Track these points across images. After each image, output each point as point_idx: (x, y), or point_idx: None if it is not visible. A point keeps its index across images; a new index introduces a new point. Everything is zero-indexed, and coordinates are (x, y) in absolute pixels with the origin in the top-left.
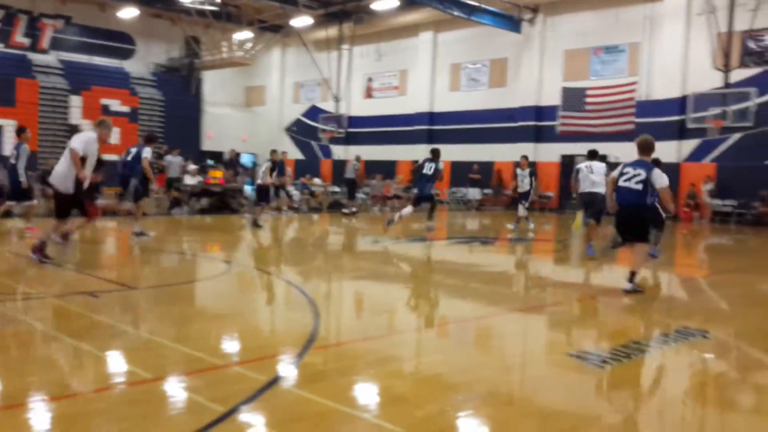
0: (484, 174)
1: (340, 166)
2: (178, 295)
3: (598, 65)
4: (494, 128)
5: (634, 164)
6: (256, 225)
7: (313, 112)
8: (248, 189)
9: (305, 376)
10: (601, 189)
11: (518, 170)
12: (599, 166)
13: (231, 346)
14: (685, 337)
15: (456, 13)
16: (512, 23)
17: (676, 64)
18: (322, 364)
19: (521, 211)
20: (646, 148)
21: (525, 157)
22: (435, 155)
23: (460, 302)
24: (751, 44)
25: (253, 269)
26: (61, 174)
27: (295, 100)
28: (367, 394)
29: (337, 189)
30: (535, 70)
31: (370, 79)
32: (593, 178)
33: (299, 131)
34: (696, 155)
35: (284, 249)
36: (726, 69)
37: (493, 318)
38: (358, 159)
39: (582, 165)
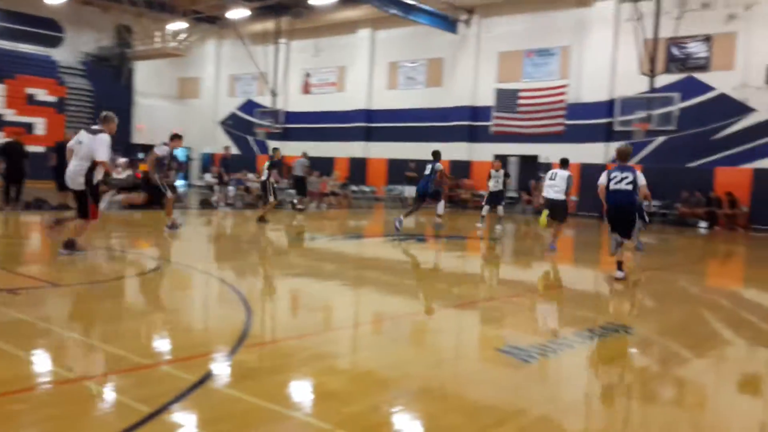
0: (419, 172)
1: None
2: (105, 293)
3: (531, 67)
4: (430, 127)
5: (621, 169)
6: (262, 221)
7: (249, 107)
8: (181, 184)
9: (235, 374)
10: (560, 196)
11: (492, 171)
12: (563, 175)
13: (159, 344)
14: (609, 332)
15: (393, 12)
16: (448, 23)
17: (605, 68)
18: (253, 363)
19: (486, 210)
20: (625, 156)
21: (498, 158)
22: (435, 156)
23: (394, 299)
24: (675, 51)
25: (185, 266)
26: (73, 172)
27: (231, 93)
28: (297, 391)
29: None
30: (470, 70)
31: (308, 75)
32: (554, 185)
33: (234, 125)
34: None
35: (217, 246)
36: (651, 74)
37: (425, 314)
38: (306, 155)
39: (550, 172)
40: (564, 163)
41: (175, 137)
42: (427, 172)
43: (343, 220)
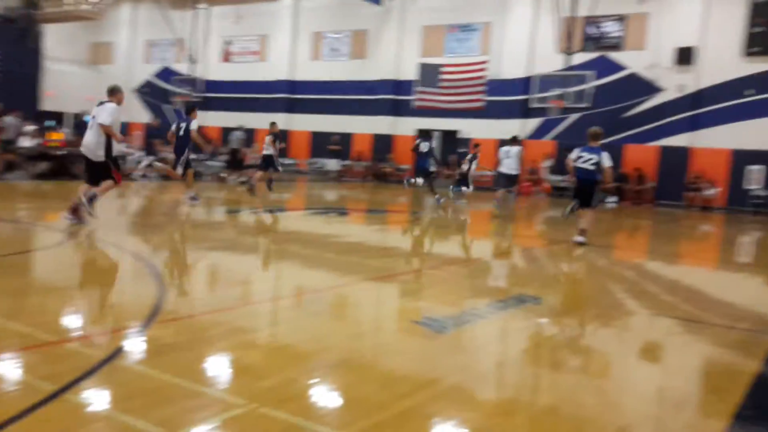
0: (343, 145)
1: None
2: (11, 267)
3: (453, 43)
4: (354, 100)
5: (589, 150)
6: (269, 188)
7: (166, 74)
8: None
9: (147, 351)
10: (513, 171)
11: (470, 154)
12: (515, 151)
13: (66, 321)
14: (520, 303)
15: None
16: None
17: (524, 45)
18: (165, 338)
19: (461, 189)
20: (596, 137)
21: (476, 145)
22: (430, 135)
23: (314, 272)
24: (592, 30)
25: (96, 240)
26: (92, 143)
27: (147, 59)
28: (212, 366)
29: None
30: (394, 43)
31: (228, 42)
32: (507, 162)
33: (150, 93)
34: (538, 133)
35: (132, 219)
36: (568, 52)
37: (345, 288)
38: (242, 128)
39: (503, 148)
40: (514, 140)
41: (192, 109)
42: (425, 149)
43: (264, 193)
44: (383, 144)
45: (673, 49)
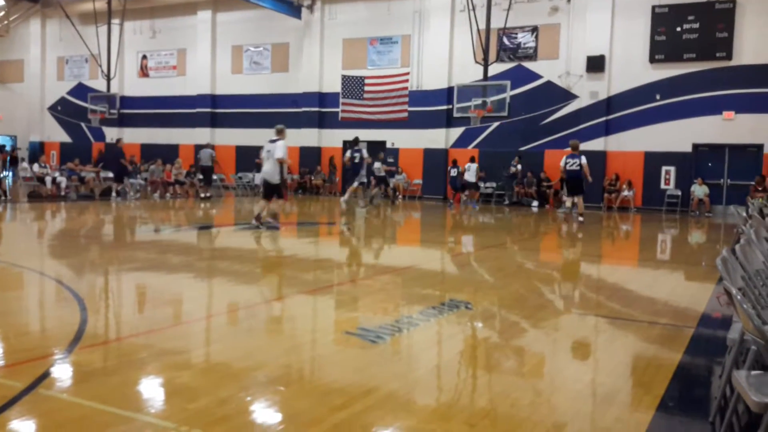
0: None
1: (114, 150)
2: None
3: (374, 55)
4: (279, 113)
5: (572, 156)
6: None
7: (81, 91)
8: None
9: (70, 378)
10: (472, 179)
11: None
12: (474, 166)
13: None
14: (452, 308)
15: None
16: (292, 8)
17: (443, 56)
18: (90, 364)
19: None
20: (575, 147)
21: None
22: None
23: (246, 288)
24: (506, 41)
25: (12, 265)
26: (270, 171)
27: (60, 77)
28: (140, 391)
29: (111, 175)
30: (316, 56)
31: (144, 57)
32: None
33: (65, 111)
34: (461, 142)
35: (50, 241)
36: (485, 63)
37: (278, 302)
38: (211, 146)
39: (467, 165)
40: (472, 160)
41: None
42: (453, 173)
43: (190, 209)
44: (311, 156)
45: (585, 57)
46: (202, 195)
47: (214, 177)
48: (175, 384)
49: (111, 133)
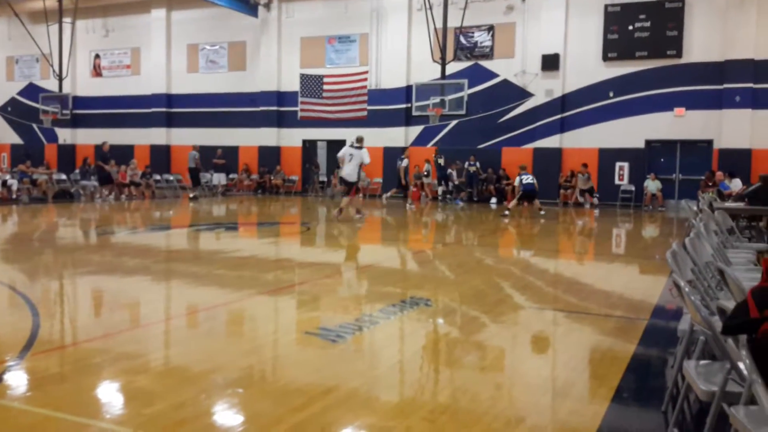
0: (228, 159)
1: (67, 151)
2: None
3: (333, 54)
4: (237, 112)
5: (526, 174)
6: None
7: (33, 91)
8: None
9: (22, 385)
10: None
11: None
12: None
13: None
14: (413, 305)
15: None
16: (248, 7)
17: (401, 55)
18: (43, 371)
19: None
20: (525, 168)
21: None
22: (361, 142)
23: (205, 290)
24: (463, 40)
25: None
26: (351, 172)
27: (9, 77)
28: (94, 397)
29: (64, 177)
30: (274, 55)
31: (97, 56)
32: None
33: (15, 112)
34: (421, 140)
35: (1, 246)
36: (443, 62)
37: (237, 303)
38: (196, 148)
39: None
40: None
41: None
42: (529, 180)
43: (146, 211)
44: (270, 156)
45: (540, 56)
46: (191, 195)
47: (170, 177)
48: (132, 389)
49: (64, 134)
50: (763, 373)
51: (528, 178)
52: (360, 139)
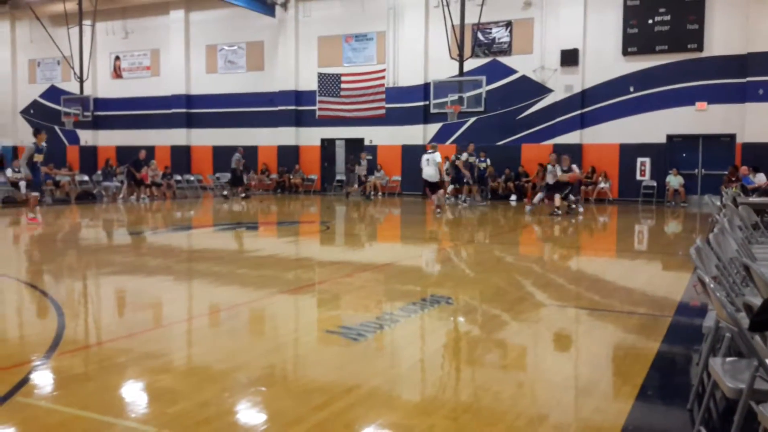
0: (248, 158)
1: (88, 153)
2: None
3: (350, 52)
4: (255, 112)
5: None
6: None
7: (54, 94)
8: None
9: (49, 384)
10: (433, 176)
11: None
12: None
13: None
14: (433, 303)
15: None
16: (266, 6)
17: (419, 52)
18: (69, 370)
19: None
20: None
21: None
22: (435, 148)
23: (227, 289)
24: (481, 36)
25: None
26: (431, 174)
27: (31, 79)
28: (121, 395)
29: (86, 178)
30: (292, 54)
31: (117, 58)
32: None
33: (37, 114)
34: (439, 137)
35: (26, 247)
36: (460, 59)
37: (259, 302)
38: (240, 150)
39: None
40: (434, 148)
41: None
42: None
43: (168, 211)
44: (289, 155)
45: (559, 51)
46: (242, 195)
47: (191, 177)
48: (155, 388)
49: (85, 136)
50: None
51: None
52: (434, 146)
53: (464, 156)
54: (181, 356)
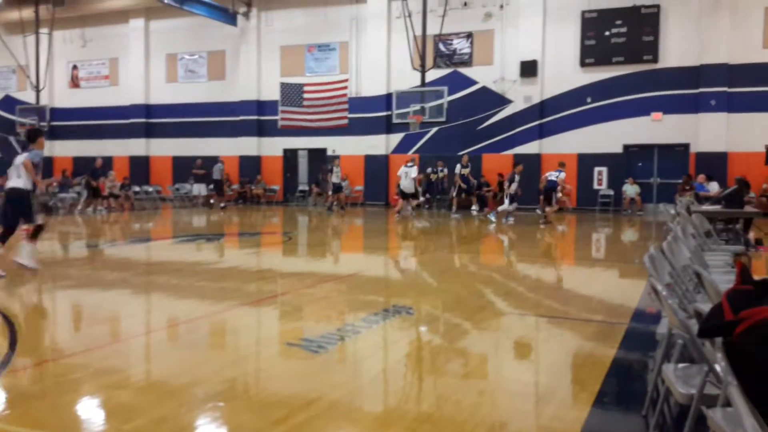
0: (209, 169)
1: (45, 163)
2: None
3: (313, 62)
4: (216, 122)
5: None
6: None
7: (9, 103)
8: None
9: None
10: (409, 188)
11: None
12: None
13: None
14: (395, 314)
15: (167, 1)
16: (228, 16)
17: (381, 63)
18: (18, 388)
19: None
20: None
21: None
22: (413, 161)
23: (186, 302)
24: (442, 47)
25: None
26: (408, 185)
27: None
28: (73, 413)
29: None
30: (254, 64)
31: (75, 67)
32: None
33: None
34: (401, 147)
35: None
36: (422, 69)
37: (219, 315)
38: (221, 161)
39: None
40: (413, 161)
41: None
42: (553, 177)
43: (126, 223)
44: (251, 165)
45: (518, 62)
46: (222, 205)
47: (150, 189)
48: (111, 404)
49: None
50: (738, 375)
51: (552, 175)
52: (412, 160)
53: (458, 168)
54: (139, 371)
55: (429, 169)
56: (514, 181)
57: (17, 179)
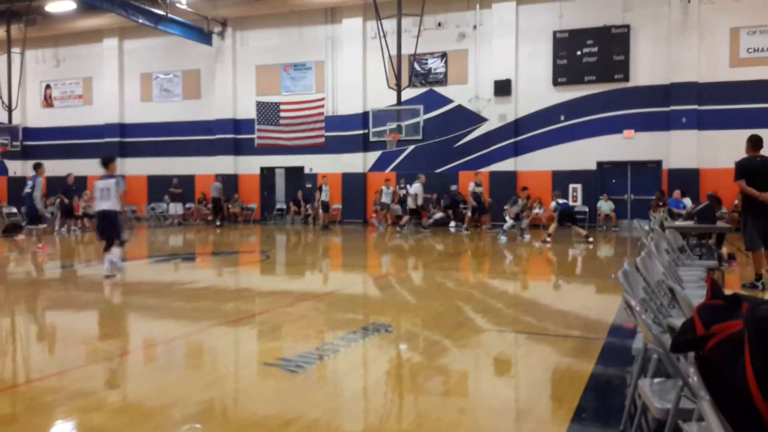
0: (185, 188)
1: (16, 183)
2: None
3: (289, 81)
4: (192, 141)
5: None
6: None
7: None
8: None
9: None
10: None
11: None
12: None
13: None
14: (374, 332)
15: (141, 21)
16: (202, 35)
17: (357, 82)
18: None
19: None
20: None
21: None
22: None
23: (162, 323)
24: (417, 67)
25: None
26: (408, 202)
27: None
28: None
29: (14, 210)
30: (229, 83)
31: (48, 87)
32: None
33: None
34: (378, 165)
35: None
36: (398, 88)
37: (196, 335)
38: (218, 179)
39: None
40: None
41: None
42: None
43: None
44: (228, 184)
45: (492, 82)
46: (217, 223)
47: (125, 208)
48: (86, 427)
49: (14, 167)
50: (709, 389)
51: (562, 201)
52: (419, 178)
53: (471, 186)
54: (114, 393)
55: (480, 188)
56: (516, 204)
57: (107, 201)
